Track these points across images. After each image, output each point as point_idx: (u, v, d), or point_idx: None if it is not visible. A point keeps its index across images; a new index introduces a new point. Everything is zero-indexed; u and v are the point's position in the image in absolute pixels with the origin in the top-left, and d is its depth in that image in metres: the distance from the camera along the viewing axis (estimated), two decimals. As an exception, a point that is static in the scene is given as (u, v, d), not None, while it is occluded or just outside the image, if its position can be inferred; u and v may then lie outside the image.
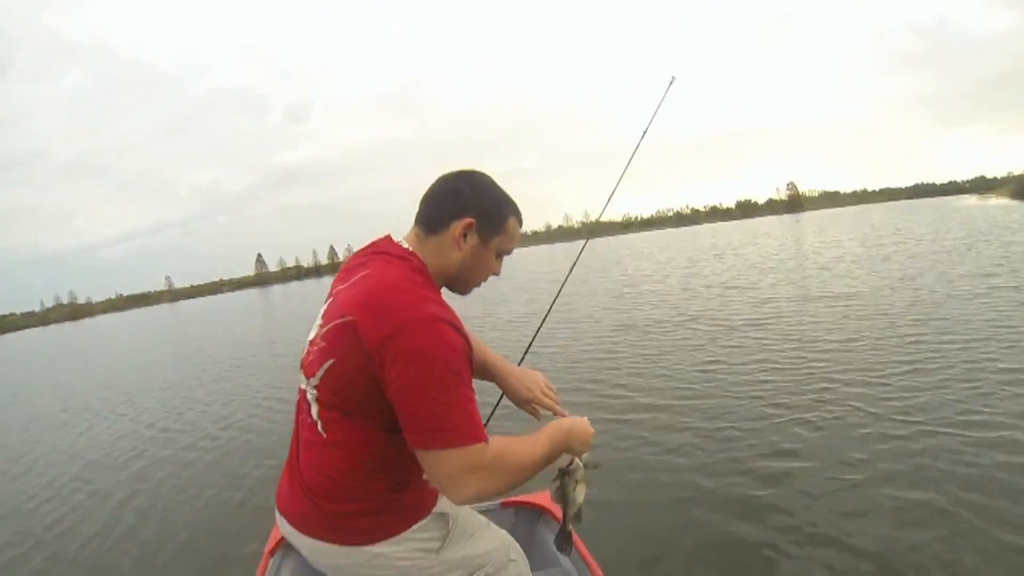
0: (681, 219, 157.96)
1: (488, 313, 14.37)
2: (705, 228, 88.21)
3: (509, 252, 1.46)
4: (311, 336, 1.36)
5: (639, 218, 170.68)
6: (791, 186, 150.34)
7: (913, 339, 6.40)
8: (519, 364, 1.76)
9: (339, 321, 1.27)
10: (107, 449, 7.10)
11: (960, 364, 5.29)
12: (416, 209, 1.45)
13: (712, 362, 6.69)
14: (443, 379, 1.19)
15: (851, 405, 4.69)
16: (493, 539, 1.58)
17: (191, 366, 14.08)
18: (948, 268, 11.60)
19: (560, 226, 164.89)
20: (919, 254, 14.93)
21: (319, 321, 1.35)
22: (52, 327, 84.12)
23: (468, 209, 1.35)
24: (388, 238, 1.44)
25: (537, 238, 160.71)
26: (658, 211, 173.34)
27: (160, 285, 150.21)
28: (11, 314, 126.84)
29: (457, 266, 1.39)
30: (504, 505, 2.68)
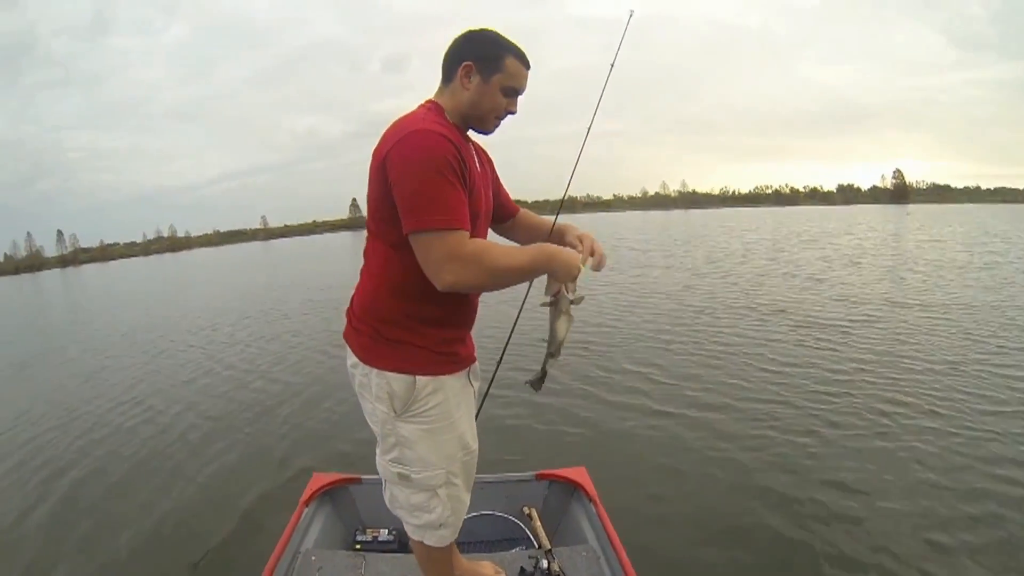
0: (780, 198, 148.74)
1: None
2: (803, 210, 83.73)
3: (519, 90, 1.61)
4: None
5: (737, 192, 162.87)
6: (897, 175, 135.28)
7: (1000, 371, 5.64)
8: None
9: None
10: (187, 368, 7.83)
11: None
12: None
13: (778, 360, 6.35)
14: (425, 173, 1.39)
15: (917, 428, 4.35)
16: (438, 459, 1.64)
17: (274, 299, 14.78)
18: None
19: (657, 193, 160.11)
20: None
21: None
22: (152, 257, 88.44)
23: (466, 55, 1.55)
24: None
25: (632, 203, 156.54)
26: (757, 187, 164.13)
27: (256, 223, 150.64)
28: (115, 244, 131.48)
29: (467, 104, 1.58)
30: (539, 476, 2.68)
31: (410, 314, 1.56)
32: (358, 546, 2.46)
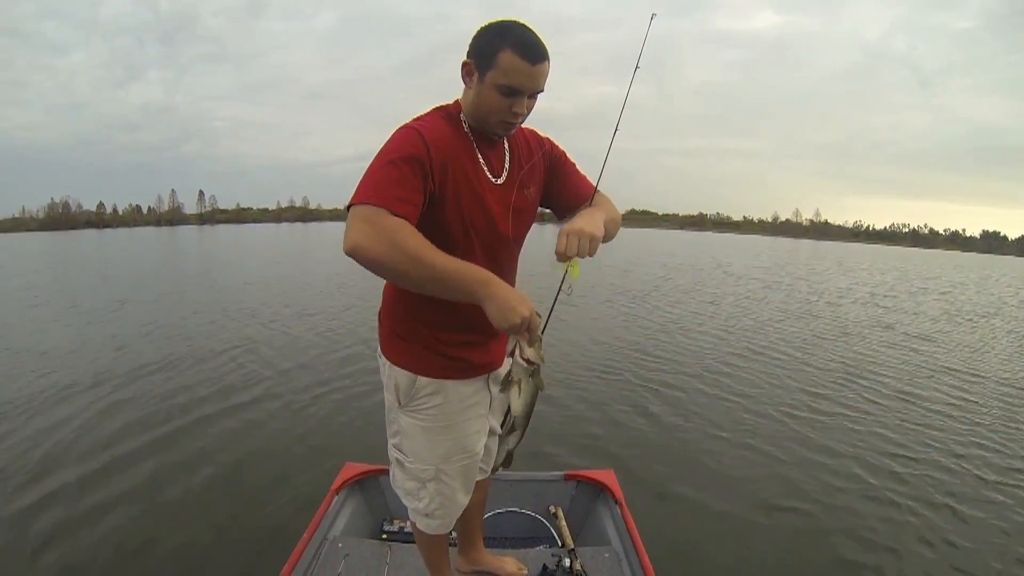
0: (916, 239, 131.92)
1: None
2: (939, 254, 74.66)
3: (517, 88, 1.28)
4: None
5: (871, 228, 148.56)
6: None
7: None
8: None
9: None
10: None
11: None
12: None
13: (868, 432, 4.99)
14: (378, 159, 1.24)
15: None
16: (430, 456, 1.56)
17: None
18: None
19: (788, 220, 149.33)
20: None
21: None
22: (284, 225, 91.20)
23: (469, 52, 1.31)
24: None
25: (763, 227, 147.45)
26: (892, 224, 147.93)
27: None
28: (249, 208, 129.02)
29: (472, 106, 1.36)
30: (567, 476, 2.55)
31: (412, 315, 1.48)
32: (385, 535, 2.38)
